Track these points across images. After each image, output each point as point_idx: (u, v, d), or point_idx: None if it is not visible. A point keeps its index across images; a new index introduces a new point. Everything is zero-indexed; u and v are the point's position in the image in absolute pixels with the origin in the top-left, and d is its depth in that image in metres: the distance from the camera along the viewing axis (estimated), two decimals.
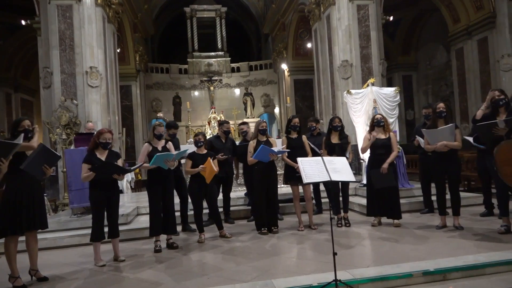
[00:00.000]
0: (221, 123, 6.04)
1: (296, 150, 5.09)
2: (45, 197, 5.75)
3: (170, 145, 4.69)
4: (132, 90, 16.47)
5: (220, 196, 5.74)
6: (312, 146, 5.25)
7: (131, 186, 10.41)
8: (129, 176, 10.12)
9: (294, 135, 5.29)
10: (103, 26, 10.16)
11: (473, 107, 11.89)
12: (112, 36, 11.19)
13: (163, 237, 4.61)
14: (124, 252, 4.36)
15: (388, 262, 3.49)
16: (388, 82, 15.57)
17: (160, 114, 18.60)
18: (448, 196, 4.82)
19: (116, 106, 11.03)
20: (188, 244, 4.73)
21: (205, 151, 4.90)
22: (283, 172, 5.50)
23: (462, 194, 5.83)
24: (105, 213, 4.12)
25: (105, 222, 4.14)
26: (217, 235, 5.00)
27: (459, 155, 6.29)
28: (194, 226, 5.20)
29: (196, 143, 4.91)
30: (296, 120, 5.33)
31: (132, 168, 4.26)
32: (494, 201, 4.92)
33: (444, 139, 4.51)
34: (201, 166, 4.67)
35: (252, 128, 5.88)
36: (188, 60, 20.10)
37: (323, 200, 6.34)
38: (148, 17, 18.07)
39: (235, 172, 6.14)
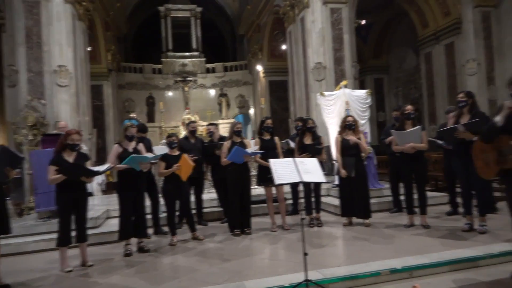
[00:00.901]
0: (187, 124, 6.00)
1: (269, 151, 5.11)
2: (9, 201, 5.52)
3: (141, 146, 4.60)
4: (104, 90, 16.06)
5: (192, 198, 5.68)
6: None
7: (102, 189, 10.13)
8: (99, 179, 9.84)
9: (267, 137, 5.31)
10: (73, 23, 9.84)
11: (440, 109, 12.31)
12: (83, 34, 10.86)
13: (134, 240, 4.52)
14: (93, 257, 4.24)
15: (358, 261, 3.56)
16: (361, 84, 15.90)
17: (132, 115, 18.27)
18: (416, 196, 4.97)
19: (86, 106, 10.71)
20: (160, 247, 4.65)
21: (177, 153, 4.84)
22: (256, 173, 5.51)
23: (429, 193, 6.06)
24: (73, 216, 4.00)
25: (74, 226, 4.02)
26: (189, 237, 4.95)
27: (427, 156, 6.53)
28: (166, 228, 5.13)
29: (170, 144, 4.85)
30: (269, 121, 5.36)
31: (101, 170, 4.15)
32: (460, 200, 5.12)
33: (411, 140, 4.65)
34: (175, 165, 4.60)
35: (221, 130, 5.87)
36: (162, 60, 19.82)
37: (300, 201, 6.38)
38: (121, 15, 17.69)
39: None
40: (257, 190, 6.92)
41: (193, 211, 5.60)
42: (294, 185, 6.06)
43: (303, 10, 11.00)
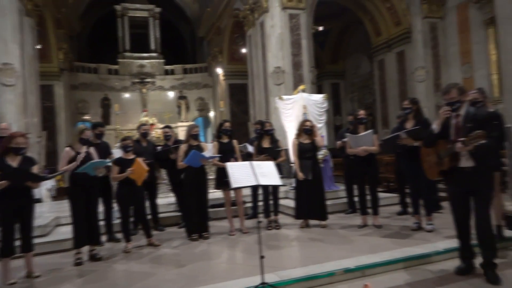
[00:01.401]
0: (138, 126, 5.83)
1: (227, 154, 5.09)
2: None
3: (92, 150, 4.42)
4: (55, 90, 15.30)
5: (147, 203, 5.52)
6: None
7: (51, 195, 9.60)
8: (48, 184, 9.32)
9: (225, 140, 5.29)
10: (20, 19, 9.30)
11: (392, 114, 12.92)
12: (31, 30, 10.29)
13: (86, 248, 4.31)
14: (40, 268, 3.99)
15: (314, 262, 3.63)
16: (319, 89, 16.34)
17: (86, 117, 17.53)
18: (369, 197, 5.16)
19: (35, 107, 10.14)
20: (113, 255, 4.47)
21: (132, 156, 4.69)
22: (214, 177, 5.47)
23: (381, 194, 6.31)
24: (17, 225, 3.74)
25: (19, 235, 3.76)
26: (145, 243, 4.80)
27: (379, 159, 6.81)
28: (120, 235, 4.95)
29: (124, 147, 4.69)
30: (228, 124, 5.35)
31: (49, 175, 3.92)
32: (409, 200, 5.37)
33: (364, 144, 4.84)
34: (129, 169, 4.46)
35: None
36: (118, 60, 19.21)
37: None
38: (74, 12, 16.95)
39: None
40: (215, 194, 6.87)
41: (149, 216, 5.46)
42: (254, 188, 6.08)
43: (262, 15, 11.13)
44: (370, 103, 16.35)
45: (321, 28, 12.64)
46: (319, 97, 7.46)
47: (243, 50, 15.36)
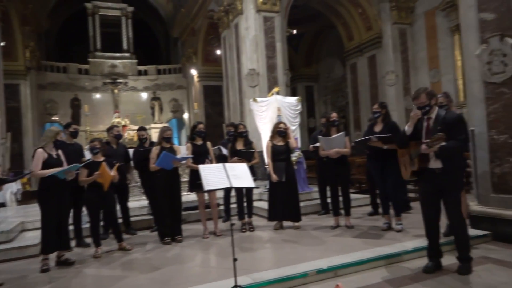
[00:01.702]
0: (109, 128, 5.67)
1: (201, 156, 5.06)
2: None
3: (60, 153, 4.29)
4: (21, 90, 14.70)
5: (118, 207, 5.39)
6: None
7: (16, 198, 9.20)
8: (14, 187, 8.93)
9: (199, 142, 5.25)
10: None
11: (364, 116, 13.23)
12: None
13: (52, 254, 4.15)
14: (4, 275, 3.83)
15: (287, 263, 3.65)
16: (293, 91, 16.50)
17: (55, 118, 16.95)
18: (341, 198, 5.25)
19: None
20: (82, 260, 4.33)
21: (102, 158, 4.57)
22: (188, 179, 5.41)
23: (353, 195, 6.43)
24: None
25: None
26: (116, 248, 4.69)
27: (351, 160, 6.94)
28: (89, 240, 4.80)
29: (91, 149, 4.56)
30: (201, 126, 5.31)
31: (10, 178, 3.76)
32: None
33: (336, 146, 4.93)
34: (96, 173, 4.34)
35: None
36: (89, 59, 18.69)
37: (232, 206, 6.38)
38: (42, 9, 16.35)
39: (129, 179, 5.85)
40: (189, 196, 6.80)
41: (120, 220, 5.33)
42: (226, 191, 6.06)
43: (237, 17, 11.14)
44: (343, 106, 16.67)
45: (295, 31, 12.77)
46: (293, 99, 7.53)
47: (218, 52, 15.31)
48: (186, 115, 19.60)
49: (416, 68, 12.74)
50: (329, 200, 5.83)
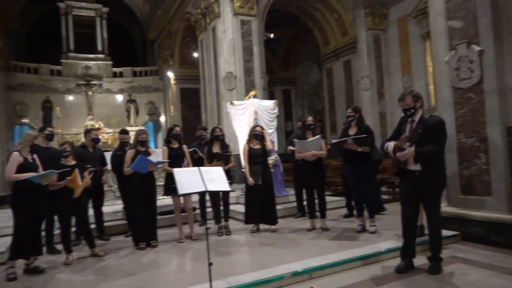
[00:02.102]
0: (87, 131, 5.53)
1: (177, 160, 5.00)
2: None
3: (36, 157, 4.16)
4: None
5: (91, 212, 5.26)
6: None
7: None
8: None
9: (175, 145, 5.19)
10: None
11: (340, 120, 13.42)
12: None
13: (21, 262, 3.99)
14: None
15: (264, 266, 3.66)
16: (270, 95, 16.59)
17: (25, 120, 16.39)
18: (317, 201, 5.31)
19: None
20: (53, 267, 4.19)
21: (73, 162, 4.44)
22: (164, 183, 5.34)
23: (329, 198, 6.53)
24: None
25: None
26: (88, 254, 4.56)
27: (328, 163, 7.04)
28: (60, 246, 4.65)
29: (61, 153, 4.43)
30: (178, 128, 5.26)
31: None
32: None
33: (312, 149, 4.99)
34: (67, 178, 4.21)
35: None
36: (62, 61, 18.15)
37: (208, 210, 6.33)
38: (11, 7, 15.77)
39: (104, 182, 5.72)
40: (165, 200, 6.71)
41: (93, 226, 5.20)
42: (202, 195, 6.01)
43: (214, 20, 11.11)
44: (319, 110, 16.88)
45: (272, 35, 12.86)
46: (270, 102, 7.57)
47: (195, 54, 15.21)
48: (162, 118, 19.34)
49: (389, 73, 13.07)
50: (305, 203, 5.88)
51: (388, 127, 12.68)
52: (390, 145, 3.46)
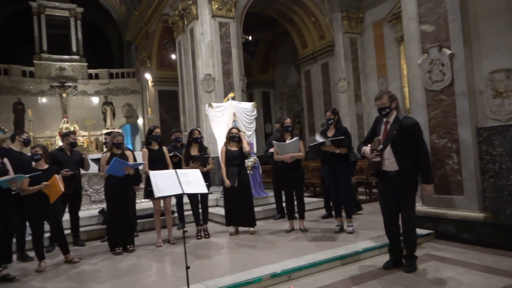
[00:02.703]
0: (65, 134, 5.39)
1: (157, 162, 4.94)
2: None
3: (6, 161, 4.01)
4: None
5: (67, 216, 5.12)
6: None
7: None
8: None
9: (155, 147, 5.13)
10: None
11: (318, 122, 13.57)
12: None
13: None
14: None
15: (243, 269, 3.64)
16: (249, 97, 16.62)
17: None
18: (296, 202, 5.34)
19: None
20: (25, 275, 4.04)
21: (46, 166, 4.30)
22: (144, 185, 5.26)
23: (307, 199, 6.58)
24: None
25: None
26: (62, 260, 4.43)
27: (306, 165, 7.10)
28: (32, 253, 4.49)
29: (32, 156, 4.28)
30: (158, 130, 5.20)
31: None
32: None
33: (290, 151, 5.02)
34: (44, 183, 4.07)
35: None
36: (34, 62, 17.62)
37: (187, 213, 6.27)
38: None
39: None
40: (142, 204, 6.61)
41: (68, 231, 5.06)
42: (179, 197, 5.95)
43: (192, 21, 11.05)
44: (298, 112, 17.03)
45: (250, 38, 12.88)
46: (248, 105, 7.58)
47: (173, 56, 15.07)
48: (140, 121, 19.06)
49: (366, 76, 13.33)
50: (284, 204, 5.91)
51: (365, 129, 12.92)
52: (366, 150, 3.51)
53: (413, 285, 3.18)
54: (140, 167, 5.18)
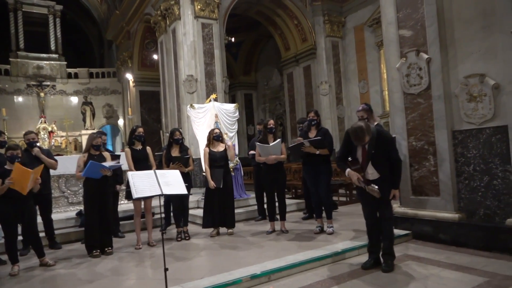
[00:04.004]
0: (25, 134, 5.13)
1: (140, 162, 4.87)
2: None
3: None
4: None
5: (40, 219, 4.96)
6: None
7: None
8: None
9: (138, 147, 5.05)
10: None
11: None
12: None
13: None
14: None
15: (222, 270, 3.62)
16: (232, 99, 16.63)
17: None
18: (277, 203, 5.35)
19: None
20: None
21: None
22: (125, 187, 5.18)
23: (289, 201, 6.61)
24: None
25: None
26: (37, 264, 4.30)
27: (288, 167, 7.14)
28: (5, 257, 4.35)
29: (11, 158, 4.12)
30: (141, 129, 5.13)
31: None
32: None
33: (273, 152, 5.04)
34: (7, 179, 3.90)
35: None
36: (10, 59, 17.13)
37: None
38: None
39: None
40: (123, 206, 6.51)
41: (43, 234, 4.93)
42: (166, 198, 5.88)
43: (174, 22, 10.97)
44: (280, 114, 17.12)
45: (233, 39, 12.89)
46: (230, 106, 7.56)
47: (155, 56, 14.91)
48: (121, 121, 18.75)
49: (347, 79, 13.52)
50: (266, 206, 5.91)
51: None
52: (353, 177, 3.52)
53: (390, 284, 3.23)
54: (126, 167, 5.09)
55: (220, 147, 5.32)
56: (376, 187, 3.43)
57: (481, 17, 3.93)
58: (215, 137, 5.31)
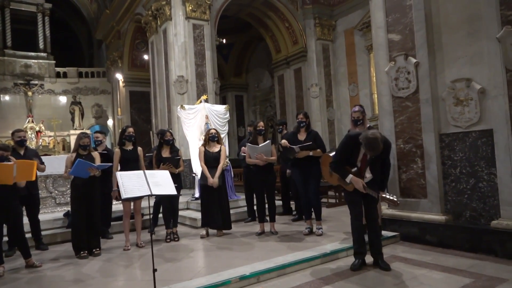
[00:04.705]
0: (12, 132, 5.05)
1: (130, 163, 4.84)
2: None
3: None
4: None
5: (26, 220, 4.89)
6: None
7: None
8: None
9: (129, 147, 5.02)
10: None
11: (291, 126, 13.69)
12: None
13: None
14: None
15: (212, 271, 3.62)
16: (223, 100, 16.59)
17: None
18: (267, 205, 5.37)
19: None
20: None
21: None
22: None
23: (278, 202, 6.63)
24: None
25: None
26: (23, 265, 4.24)
27: (277, 168, 7.15)
28: None
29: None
30: (131, 129, 5.10)
31: None
32: None
33: (263, 154, 5.05)
34: None
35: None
36: None
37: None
38: None
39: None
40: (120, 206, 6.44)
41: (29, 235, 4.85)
42: (156, 199, 5.85)
43: (165, 22, 10.93)
44: (271, 116, 17.15)
45: (224, 41, 12.89)
46: (221, 107, 7.57)
47: (145, 57, 14.82)
48: (110, 122, 18.57)
49: (337, 82, 13.62)
50: (255, 207, 5.92)
51: (336, 134, 13.20)
52: (359, 184, 3.54)
53: (378, 285, 3.26)
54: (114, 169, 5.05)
55: (215, 148, 5.32)
56: (395, 197, 3.49)
57: (468, 23, 4.01)
58: (210, 138, 5.31)
